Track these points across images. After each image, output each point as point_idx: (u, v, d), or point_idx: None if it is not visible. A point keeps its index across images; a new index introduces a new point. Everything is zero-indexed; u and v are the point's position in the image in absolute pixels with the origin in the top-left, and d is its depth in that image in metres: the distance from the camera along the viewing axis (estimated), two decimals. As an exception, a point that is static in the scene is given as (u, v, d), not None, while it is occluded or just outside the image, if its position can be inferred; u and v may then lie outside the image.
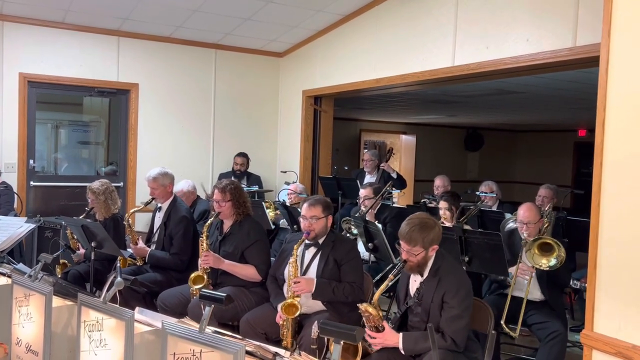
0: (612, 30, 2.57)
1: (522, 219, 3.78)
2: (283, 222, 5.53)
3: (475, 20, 4.50)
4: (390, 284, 2.82)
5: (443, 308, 2.74)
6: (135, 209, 4.69)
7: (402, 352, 2.73)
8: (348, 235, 4.78)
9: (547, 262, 3.49)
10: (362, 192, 5.06)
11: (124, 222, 4.29)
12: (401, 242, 2.81)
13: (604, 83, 2.60)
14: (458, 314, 2.70)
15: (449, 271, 2.81)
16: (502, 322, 3.48)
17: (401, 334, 2.76)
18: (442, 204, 4.62)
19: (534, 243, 3.54)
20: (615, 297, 2.55)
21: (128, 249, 4.52)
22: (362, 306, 2.78)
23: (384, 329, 2.77)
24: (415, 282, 2.91)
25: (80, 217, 4.36)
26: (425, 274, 2.85)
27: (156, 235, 4.29)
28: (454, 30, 4.70)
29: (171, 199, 4.34)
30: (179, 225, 4.15)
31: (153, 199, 4.31)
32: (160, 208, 4.36)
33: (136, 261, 4.31)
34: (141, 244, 4.23)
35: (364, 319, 2.82)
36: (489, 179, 6.10)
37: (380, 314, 2.79)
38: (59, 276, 4.25)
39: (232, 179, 6.22)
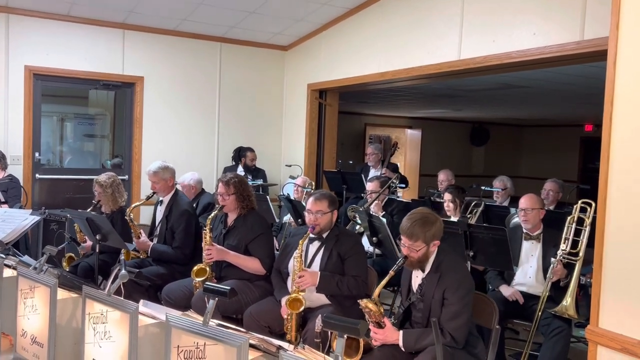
0: (620, 23, 2.55)
1: (521, 206, 3.85)
2: (287, 217, 5.53)
3: (482, 13, 4.47)
4: (389, 279, 2.80)
5: (443, 304, 2.73)
6: (137, 203, 4.67)
7: (402, 349, 2.73)
8: (353, 223, 4.78)
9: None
10: (369, 186, 5.06)
11: (126, 217, 4.29)
12: (402, 237, 2.80)
13: (612, 77, 2.58)
14: (458, 311, 2.69)
15: (450, 267, 2.79)
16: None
17: (401, 331, 2.76)
18: (447, 196, 4.66)
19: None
20: (621, 292, 2.54)
21: (133, 243, 4.53)
22: (363, 302, 2.77)
23: (385, 325, 2.76)
24: (417, 277, 2.91)
25: (88, 210, 4.37)
26: (427, 270, 2.84)
27: (158, 229, 4.30)
28: (460, 24, 4.67)
29: (172, 192, 4.33)
30: (180, 219, 4.15)
31: (154, 192, 4.32)
32: (161, 202, 4.37)
33: (139, 254, 4.33)
34: (144, 237, 4.24)
35: (365, 315, 2.81)
36: (495, 174, 6.07)
37: (381, 310, 2.78)
38: (68, 269, 4.27)
39: (244, 173, 6.25)
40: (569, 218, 3.66)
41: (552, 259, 3.62)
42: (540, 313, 3.55)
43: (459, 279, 2.75)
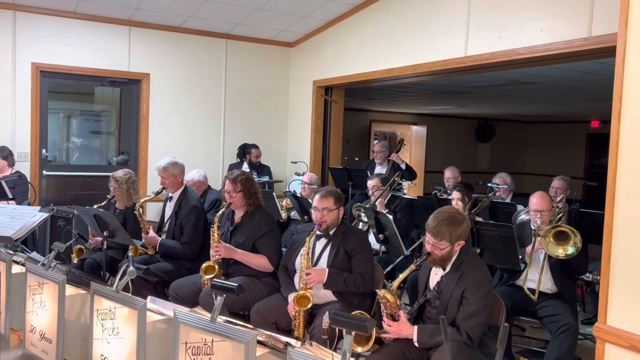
0: (629, 20, 2.53)
1: (536, 207, 3.76)
2: (294, 214, 5.54)
3: (489, 9, 4.45)
4: (410, 272, 2.79)
5: (462, 303, 2.72)
6: (146, 198, 4.71)
7: (416, 344, 2.72)
8: (358, 221, 4.78)
9: (564, 252, 3.46)
10: (370, 183, 5.06)
11: (135, 212, 4.31)
12: (427, 234, 2.78)
13: (621, 73, 2.56)
14: (476, 311, 2.68)
15: (472, 267, 2.77)
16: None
17: (416, 326, 2.74)
18: (455, 194, 4.62)
19: (549, 231, 3.50)
20: (629, 290, 2.53)
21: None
22: (381, 292, 2.76)
23: (399, 317, 2.76)
24: (436, 275, 2.89)
25: (102, 204, 4.42)
26: (448, 268, 2.82)
27: (167, 225, 4.31)
28: (466, 20, 4.65)
29: (182, 188, 4.35)
30: (189, 215, 4.16)
31: (164, 188, 4.33)
32: (171, 198, 4.38)
33: (147, 250, 4.34)
34: (152, 233, 4.26)
35: (381, 305, 2.80)
36: (500, 171, 6.06)
37: (398, 302, 2.78)
38: (75, 262, 4.29)
39: (249, 170, 6.25)
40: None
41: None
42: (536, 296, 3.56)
43: (480, 280, 2.73)
